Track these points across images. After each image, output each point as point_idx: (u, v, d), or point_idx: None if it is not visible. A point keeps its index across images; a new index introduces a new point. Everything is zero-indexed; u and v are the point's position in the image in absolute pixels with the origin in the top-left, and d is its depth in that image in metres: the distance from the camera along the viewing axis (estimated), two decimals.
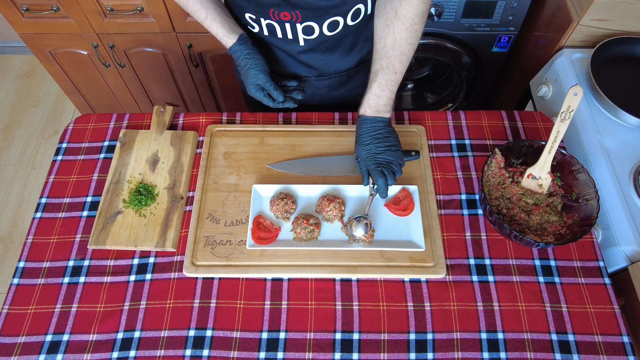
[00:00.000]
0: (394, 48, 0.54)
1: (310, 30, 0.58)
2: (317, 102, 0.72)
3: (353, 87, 0.71)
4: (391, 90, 0.56)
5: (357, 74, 0.69)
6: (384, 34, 0.54)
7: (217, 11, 0.59)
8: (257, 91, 0.60)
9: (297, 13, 0.55)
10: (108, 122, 0.72)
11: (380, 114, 0.57)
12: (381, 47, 0.55)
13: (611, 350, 0.51)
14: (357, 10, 0.58)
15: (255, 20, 0.59)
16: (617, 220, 0.63)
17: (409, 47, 0.54)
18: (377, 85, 0.56)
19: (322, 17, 0.56)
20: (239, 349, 0.52)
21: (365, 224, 0.56)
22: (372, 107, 0.57)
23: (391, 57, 0.54)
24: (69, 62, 1.12)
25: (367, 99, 0.57)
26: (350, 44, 0.63)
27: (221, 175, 0.64)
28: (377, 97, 0.56)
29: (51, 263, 0.59)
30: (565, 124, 0.56)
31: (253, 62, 0.59)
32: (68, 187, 0.65)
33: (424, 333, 0.53)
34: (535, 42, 0.97)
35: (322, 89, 0.70)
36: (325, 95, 0.71)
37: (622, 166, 0.67)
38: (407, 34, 0.52)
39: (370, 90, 0.57)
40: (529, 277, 0.56)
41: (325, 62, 0.64)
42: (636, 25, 0.79)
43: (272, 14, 0.56)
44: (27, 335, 0.54)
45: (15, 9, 0.98)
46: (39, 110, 1.52)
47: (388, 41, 0.54)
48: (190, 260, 0.57)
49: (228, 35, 0.59)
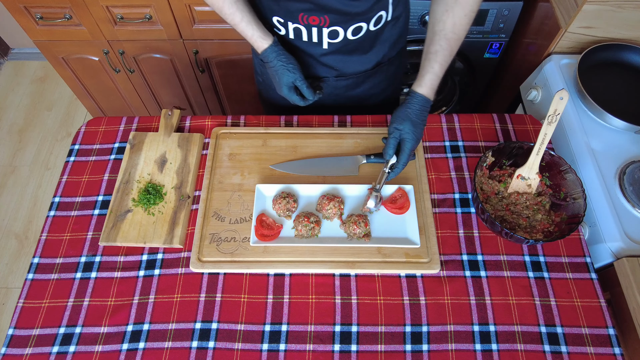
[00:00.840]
0: (454, 32, 0.54)
1: (335, 34, 0.60)
2: (334, 102, 0.74)
3: (369, 87, 0.73)
4: (443, 72, 0.56)
5: (372, 75, 0.71)
6: (443, 18, 0.55)
7: (251, 14, 0.59)
8: (289, 90, 0.62)
9: (325, 18, 0.57)
10: (118, 125, 0.74)
11: (430, 96, 0.57)
12: (440, 29, 0.55)
13: (597, 342, 0.53)
14: (379, 17, 0.60)
15: (282, 24, 0.60)
16: (603, 218, 0.65)
17: (464, 33, 0.55)
18: (438, 64, 0.55)
19: (348, 23, 0.58)
20: (243, 341, 0.54)
21: (376, 196, 0.58)
22: (427, 85, 0.57)
23: (451, 40, 0.55)
24: (81, 68, 1.15)
25: (426, 77, 0.56)
26: (368, 47, 0.65)
27: (226, 175, 0.67)
28: (435, 77, 0.56)
29: (64, 259, 0.61)
30: (552, 126, 0.58)
31: (287, 63, 0.60)
32: (80, 186, 0.67)
33: (419, 325, 0.54)
34: (525, 49, 0.99)
35: (340, 89, 0.71)
36: (342, 95, 0.72)
37: (608, 166, 0.69)
38: (465, 20, 0.54)
39: (429, 69, 0.56)
40: (519, 272, 0.58)
41: (345, 63, 0.66)
42: (621, 32, 0.81)
43: (300, 19, 0.58)
44: (41, 328, 0.56)
45: (29, 17, 1.01)
46: (53, 114, 1.56)
47: (447, 25, 0.54)
48: (196, 257, 0.59)
49: (264, 38, 0.59)
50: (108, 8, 0.99)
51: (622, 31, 0.82)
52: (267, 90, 0.78)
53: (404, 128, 0.58)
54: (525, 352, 0.53)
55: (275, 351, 0.53)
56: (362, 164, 0.67)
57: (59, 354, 0.54)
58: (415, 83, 0.59)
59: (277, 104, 0.78)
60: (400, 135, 0.58)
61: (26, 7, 0.99)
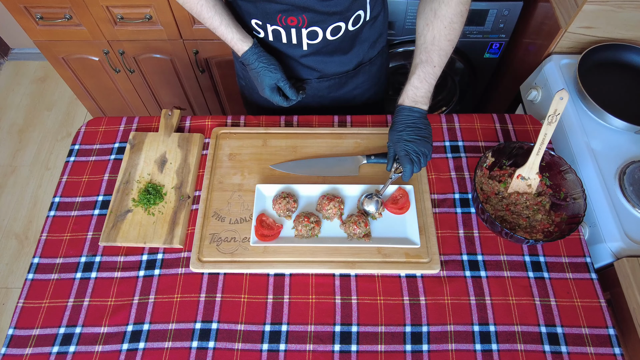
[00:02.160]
0: (433, 44, 0.56)
1: (315, 35, 0.60)
2: (318, 103, 0.75)
3: (352, 88, 0.73)
4: (429, 82, 0.58)
5: (355, 76, 0.71)
6: (424, 32, 0.56)
7: (230, 18, 0.60)
8: (272, 91, 0.63)
9: (304, 18, 0.58)
10: (118, 125, 0.74)
11: (417, 105, 0.58)
12: (421, 43, 0.57)
13: (598, 342, 0.53)
14: (357, 17, 0.60)
15: (261, 26, 0.61)
16: (603, 218, 0.65)
17: (448, 43, 0.56)
18: (416, 77, 0.57)
19: (326, 23, 0.59)
20: (243, 341, 0.54)
21: (377, 201, 0.59)
22: (409, 97, 0.58)
23: (430, 52, 0.56)
24: (81, 68, 1.15)
25: (405, 90, 0.59)
26: (348, 47, 0.66)
27: (226, 175, 0.67)
28: (415, 88, 0.58)
29: (64, 259, 0.61)
30: (552, 126, 0.58)
31: (268, 64, 0.61)
32: (80, 186, 0.67)
33: (419, 325, 0.54)
34: (525, 49, 0.99)
35: (323, 90, 0.72)
36: (326, 96, 0.73)
37: (608, 166, 0.69)
38: (445, 32, 0.55)
39: (409, 82, 0.58)
40: (519, 272, 0.58)
41: (325, 64, 0.67)
42: (621, 32, 0.82)
43: (279, 20, 0.58)
44: (41, 328, 0.56)
45: (30, 17, 1.01)
46: (53, 114, 1.56)
47: (427, 38, 0.56)
48: (196, 257, 0.59)
49: (244, 40, 0.60)
50: (108, 8, 0.99)
51: (622, 31, 0.82)
52: (250, 93, 0.78)
53: (391, 139, 0.60)
54: (525, 352, 0.53)
55: (275, 351, 0.54)
56: (362, 164, 0.67)
57: (59, 354, 0.54)
58: (399, 97, 0.60)
59: (260, 106, 0.78)
60: (391, 146, 0.60)
61: (26, 7, 0.99)
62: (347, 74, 0.70)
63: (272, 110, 0.76)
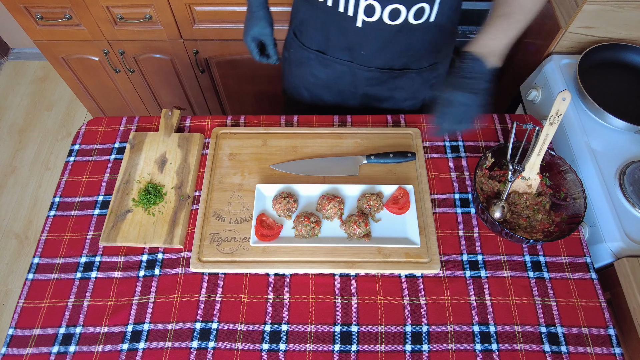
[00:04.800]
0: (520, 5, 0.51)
1: (371, 10, 0.56)
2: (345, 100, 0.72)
3: (388, 88, 0.69)
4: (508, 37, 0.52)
5: (397, 78, 0.68)
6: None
7: None
8: (252, 42, 0.63)
9: None
10: (118, 125, 0.74)
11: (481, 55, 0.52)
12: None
13: (598, 342, 0.53)
14: (420, 10, 0.56)
15: None
16: (603, 218, 0.65)
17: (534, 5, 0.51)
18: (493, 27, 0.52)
19: (387, 1, 0.55)
20: (243, 341, 0.54)
21: (502, 207, 0.59)
22: (478, 44, 0.53)
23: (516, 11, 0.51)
24: (81, 68, 1.15)
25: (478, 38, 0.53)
26: (403, 43, 0.61)
27: (226, 175, 0.67)
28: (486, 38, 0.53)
29: (64, 259, 0.61)
30: (553, 127, 0.58)
31: (265, 15, 0.62)
32: (80, 186, 0.67)
33: (420, 325, 0.54)
34: (525, 49, 0.99)
35: (360, 81, 0.68)
36: (359, 91, 0.70)
37: (608, 166, 0.69)
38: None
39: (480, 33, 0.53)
40: (519, 272, 0.58)
41: (373, 49, 0.62)
42: (621, 32, 0.82)
43: None
44: (41, 328, 0.56)
45: (30, 17, 1.01)
46: (53, 114, 1.56)
47: None
48: (196, 257, 0.59)
49: None
50: (108, 8, 0.99)
51: (622, 31, 0.82)
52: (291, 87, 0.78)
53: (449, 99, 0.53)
54: (525, 352, 0.53)
55: (275, 351, 0.54)
56: (362, 164, 0.67)
57: (59, 354, 0.54)
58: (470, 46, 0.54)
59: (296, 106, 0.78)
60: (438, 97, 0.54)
61: (26, 7, 0.99)
62: (391, 72, 0.65)
63: (273, 111, 0.75)
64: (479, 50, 0.53)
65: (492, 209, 0.60)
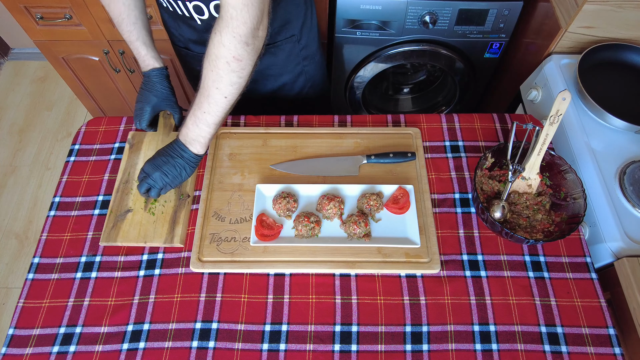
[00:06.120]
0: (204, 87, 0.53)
1: (200, 10, 0.60)
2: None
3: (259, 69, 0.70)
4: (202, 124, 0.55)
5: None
6: None
7: (148, 36, 0.64)
8: (147, 109, 0.66)
9: None
10: (118, 125, 0.74)
11: (186, 143, 0.57)
12: None
13: (598, 342, 0.53)
14: (217, 5, 0.57)
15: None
16: (603, 218, 0.65)
17: (217, 91, 0.52)
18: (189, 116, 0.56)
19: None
20: (243, 341, 0.54)
21: (502, 207, 0.59)
22: (182, 133, 0.58)
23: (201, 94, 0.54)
24: (81, 68, 1.15)
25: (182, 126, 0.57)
26: None
27: (226, 175, 0.67)
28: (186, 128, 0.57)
29: (64, 259, 0.61)
30: (554, 127, 0.58)
31: (169, 92, 0.66)
32: (80, 186, 0.67)
33: (420, 325, 0.55)
34: (525, 49, 0.99)
35: None
36: None
37: (608, 166, 0.69)
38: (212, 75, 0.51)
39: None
40: (520, 272, 0.58)
41: None
42: (621, 32, 0.82)
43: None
44: (41, 328, 0.56)
45: (30, 17, 1.01)
46: (53, 114, 1.56)
47: None
48: (196, 256, 0.59)
49: (157, 60, 0.65)
50: None
51: (622, 31, 0.82)
52: None
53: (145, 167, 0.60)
54: (525, 352, 0.53)
55: (275, 351, 0.54)
56: (362, 164, 0.67)
57: (59, 353, 0.54)
58: None
59: None
60: None
61: (26, 7, 0.99)
62: None
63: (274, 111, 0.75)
64: (181, 138, 0.58)
65: (492, 209, 0.60)
